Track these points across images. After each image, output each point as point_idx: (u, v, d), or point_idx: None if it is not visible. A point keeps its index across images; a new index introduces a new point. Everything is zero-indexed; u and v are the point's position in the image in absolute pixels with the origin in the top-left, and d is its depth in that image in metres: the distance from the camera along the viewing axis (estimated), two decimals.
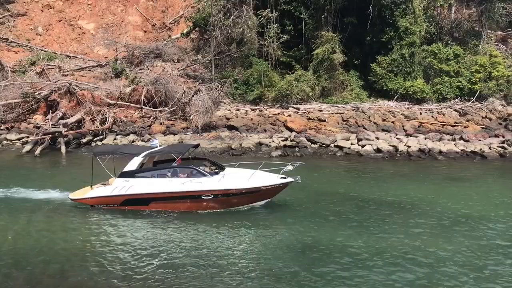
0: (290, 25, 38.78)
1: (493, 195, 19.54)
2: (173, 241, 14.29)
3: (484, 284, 11.29)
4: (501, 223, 15.56)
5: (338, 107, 36.58)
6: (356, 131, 31.87)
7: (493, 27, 41.98)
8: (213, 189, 16.49)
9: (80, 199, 17.45)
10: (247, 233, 15.14)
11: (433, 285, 11.23)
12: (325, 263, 12.47)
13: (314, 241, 14.09)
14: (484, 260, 12.65)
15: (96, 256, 13.21)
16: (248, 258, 13.09)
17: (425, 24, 38.38)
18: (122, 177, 17.08)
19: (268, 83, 37.20)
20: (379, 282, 11.36)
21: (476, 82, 37.32)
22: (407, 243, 13.81)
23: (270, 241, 14.27)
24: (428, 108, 36.49)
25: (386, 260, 12.63)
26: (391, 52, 37.40)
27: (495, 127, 33.11)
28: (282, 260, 12.69)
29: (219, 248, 13.73)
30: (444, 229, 15.08)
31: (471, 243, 13.86)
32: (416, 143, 29.49)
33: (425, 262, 12.49)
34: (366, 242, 13.91)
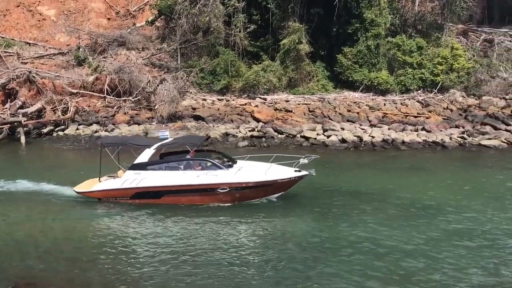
0: (257, 15, 38.58)
1: (453, 184, 20.07)
2: (183, 234, 14.03)
3: (443, 272, 11.56)
4: (462, 211, 15.98)
5: (304, 97, 36.77)
6: (322, 122, 32.14)
7: (454, 20, 42.95)
8: (230, 182, 16.21)
9: (87, 192, 16.86)
10: (253, 225, 15.07)
11: (393, 275, 11.42)
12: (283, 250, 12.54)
13: (274, 231, 14.16)
14: (444, 248, 12.96)
15: (107, 250, 12.98)
16: (254, 250, 13.08)
17: (390, 16, 38.88)
18: (133, 170, 16.53)
19: (235, 73, 36.99)
20: (335, 274, 11.46)
21: (438, 74, 38.21)
22: (368, 232, 14.04)
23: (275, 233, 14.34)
24: (392, 99, 37.14)
25: (346, 250, 12.80)
26: (356, 44, 37.78)
27: (455, 118, 34.02)
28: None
29: (229, 241, 13.63)
30: (406, 218, 15.40)
31: (432, 231, 14.21)
32: (380, 133, 29.99)
33: (386, 251, 12.70)
34: (323, 231, 14.12)
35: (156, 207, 16.15)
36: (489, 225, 14.68)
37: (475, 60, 40.57)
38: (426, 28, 41.47)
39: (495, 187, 19.46)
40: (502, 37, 43.61)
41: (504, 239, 13.55)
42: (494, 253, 12.59)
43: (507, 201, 17.26)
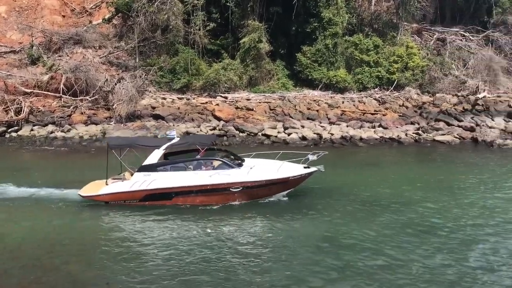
0: (216, 13, 38.46)
1: (409, 178, 20.71)
2: (193, 235, 13.75)
3: (399, 267, 11.91)
4: (418, 206, 16.46)
5: (265, 96, 37.00)
6: (282, 120, 32.45)
7: (409, 19, 44.25)
8: (243, 181, 15.94)
9: (93, 196, 16.17)
10: (260, 224, 14.99)
11: (349, 271, 11.66)
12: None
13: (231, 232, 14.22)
14: (402, 242, 13.34)
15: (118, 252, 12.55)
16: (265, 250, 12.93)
17: (347, 15, 39.65)
18: (143, 171, 15.99)
19: (195, 71, 36.78)
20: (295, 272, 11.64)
21: (394, 72, 39.31)
22: (327, 228, 14.29)
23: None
24: (350, 97, 37.93)
25: (304, 248, 12.98)
26: (315, 43, 38.35)
27: (411, 114, 35.10)
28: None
29: (242, 240, 13.50)
30: (363, 213, 15.74)
31: (387, 225, 14.61)
32: (339, 130, 30.58)
33: (342, 247, 12.90)
34: (281, 228, 14.25)
35: (164, 208, 15.75)
36: (443, 218, 15.23)
37: (429, 58, 42.01)
38: (382, 27, 42.57)
39: (448, 181, 20.19)
40: (454, 36, 45.31)
41: (457, 231, 14.10)
42: (447, 244, 13.07)
43: (459, 195, 17.94)
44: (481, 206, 16.52)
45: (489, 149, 27.45)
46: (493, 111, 36.35)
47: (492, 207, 16.34)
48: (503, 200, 17.26)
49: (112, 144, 17.13)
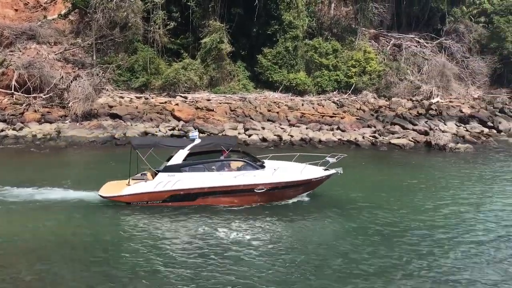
0: (177, 12, 38.07)
1: (365, 180, 21.17)
2: (214, 235, 13.67)
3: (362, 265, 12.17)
4: (372, 206, 16.86)
5: (226, 97, 36.89)
6: (243, 121, 32.45)
7: (367, 25, 45.33)
8: (268, 182, 16.03)
9: (115, 196, 15.80)
10: (283, 224, 15.05)
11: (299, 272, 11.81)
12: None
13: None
14: (361, 243, 13.64)
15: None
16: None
17: (307, 19, 40.22)
18: (167, 172, 15.78)
19: (154, 70, 36.22)
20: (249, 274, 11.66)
21: (352, 76, 40.16)
22: (279, 231, 14.46)
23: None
24: (310, 99, 38.42)
25: (262, 250, 13.04)
26: (276, 45, 38.62)
27: (368, 118, 35.94)
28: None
29: (261, 241, 13.52)
30: (320, 214, 15.97)
31: (347, 226, 14.89)
32: (299, 132, 30.89)
33: (298, 249, 13.10)
34: (237, 230, 14.29)
35: (185, 209, 15.66)
36: (399, 217, 15.67)
37: (385, 63, 43.21)
38: (341, 32, 43.41)
39: (401, 182, 20.79)
40: (409, 42, 46.81)
41: (413, 229, 14.54)
42: (404, 243, 13.45)
43: (413, 196, 18.50)
44: (435, 207, 17.12)
45: (441, 152, 28.43)
46: (446, 115, 37.82)
47: (446, 209, 16.97)
48: (455, 201, 17.95)
49: (136, 144, 16.93)
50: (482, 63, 47.90)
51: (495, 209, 17.01)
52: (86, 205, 15.92)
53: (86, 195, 16.52)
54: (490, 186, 20.65)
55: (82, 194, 16.64)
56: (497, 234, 14.48)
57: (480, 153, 28.70)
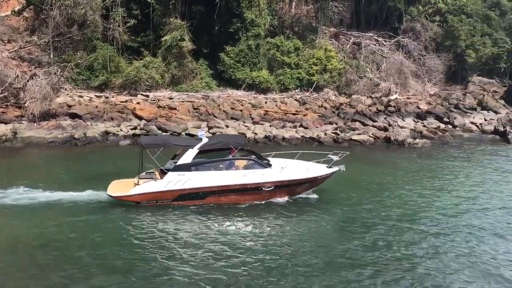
0: (137, 10, 37.46)
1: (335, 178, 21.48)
2: (223, 234, 13.69)
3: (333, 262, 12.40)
4: (336, 203, 17.23)
5: (188, 95, 36.63)
6: (206, 119, 32.32)
7: (327, 24, 46.06)
8: (277, 180, 16.34)
9: (124, 196, 15.68)
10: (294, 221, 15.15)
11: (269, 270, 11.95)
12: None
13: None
14: (330, 237, 13.90)
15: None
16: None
17: (269, 17, 40.45)
18: (177, 171, 15.86)
19: (114, 68, 35.54)
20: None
21: (314, 74, 40.75)
22: (244, 228, 14.54)
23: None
24: (273, 97, 38.70)
25: (231, 246, 13.09)
26: (238, 43, 38.65)
27: (329, 115, 36.55)
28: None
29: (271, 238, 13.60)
30: (283, 211, 16.13)
31: (310, 223, 15.14)
32: (262, 130, 31.08)
33: (268, 247, 13.25)
34: (206, 228, 14.27)
35: (193, 208, 15.71)
36: (365, 213, 16.08)
37: (346, 61, 44.02)
38: (302, 30, 43.88)
39: (361, 177, 21.24)
40: (368, 40, 47.88)
41: (381, 223, 14.94)
42: (373, 236, 13.81)
43: (374, 191, 18.98)
44: (403, 201, 17.64)
45: (400, 148, 29.27)
46: (404, 112, 38.98)
47: (408, 201, 17.53)
48: (417, 193, 18.57)
49: (146, 143, 16.78)
50: (438, 60, 49.61)
51: (452, 201, 17.71)
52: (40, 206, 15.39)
53: (44, 195, 16.09)
54: (446, 179, 21.44)
55: (41, 194, 16.20)
56: (453, 224, 15.08)
57: (437, 147, 29.77)
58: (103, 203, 15.80)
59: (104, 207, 15.60)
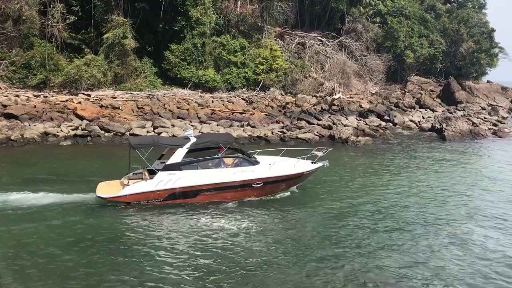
0: (77, 6, 36.12)
1: None
2: (214, 231, 13.65)
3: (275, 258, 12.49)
4: (286, 202, 17.40)
5: (132, 94, 35.79)
6: (151, 119, 31.68)
7: (272, 23, 46.55)
8: (266, 177, 16.63)
9: (115, 197, 15.40)
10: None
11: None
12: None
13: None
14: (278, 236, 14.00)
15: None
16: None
17: (214, 16, 40.25)
18: (167, 170, 15.84)
19: (53, 67, 34.13)
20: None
21: (260, 73, 41.02)
22: (232, 226, 14.45)
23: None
24: (219, 96, 38.58)
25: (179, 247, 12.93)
26: (183, 41, 38.22)
27: (276, 114, 36.93)
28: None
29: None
30: (226, 211, 16.08)
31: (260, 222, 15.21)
32: (209, 129, 30.84)
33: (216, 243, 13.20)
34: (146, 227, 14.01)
35: (176, 206, 15.58)
36: (321, 210, 16.39)
37: (291, 61, 44.68)
38: (248, 30, 44.08)
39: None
40: (312, 41, 48.84)
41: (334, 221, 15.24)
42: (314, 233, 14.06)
43: (323, 189, 19.36)
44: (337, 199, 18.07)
45: (344, 146, 30.04)
46: (347, 110, 40.10)
47: (350, 196, 18.02)
48: (357, 189, 19.10)
49: (135, 143, 16.45)
50: (379, 61, 51.44)
51: (392, 196, 18.37)
52: None
53: None
54: (387, 175, 22.21)
55: None
56: (400, 220, 15.66)
57: (378, 144, 30.80)
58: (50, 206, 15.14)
59: (40, 211, 14.92)
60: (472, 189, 20.10)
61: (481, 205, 17.48)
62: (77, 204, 15.52)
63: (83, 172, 19.89)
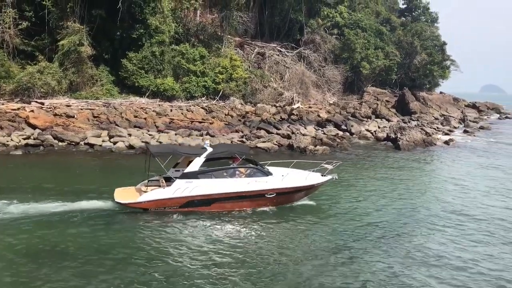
0: (30, 11, 34.98)
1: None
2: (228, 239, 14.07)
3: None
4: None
5: (88, 102, 34.90)
6: (108, 128, 30.98)
7: (232, 33, 46.74)
8: (279, 187, 17.16)
9: (133, 203, 15.97)
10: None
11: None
12: None
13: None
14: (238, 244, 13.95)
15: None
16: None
17: (173, 24, 39.98)
18: (185, 178, 16.41)
19: (4, 74, 32.92)
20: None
21: (220, 82, 40.99)
22: (246, 234, 14.47)
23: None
24: (178, 105, 38.23)
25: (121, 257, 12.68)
26: (141, 49, 37.74)
27: (236, 123, 36.94)
28: None
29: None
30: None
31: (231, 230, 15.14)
32: (168, 139, 30.48)
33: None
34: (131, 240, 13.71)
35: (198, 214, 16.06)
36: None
37: (251, 70, 44.92)
38: (207, 39, 44.00)
39: None
40: (272, 51, 49.34)
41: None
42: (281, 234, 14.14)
43: None
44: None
45: (302, 155, 30.35)
46: (306, 120, 40.65)
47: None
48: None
49: (155, 151, 17.02)
50: (336, 71, 52.57)
51: (346, 204, 18.75)
52: None
53: None
54: (342, 185, 22.59)
55: None
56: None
57: (336, 154, 31.27)
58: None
59: None
60: (419, 195, 21.00)
61: (433, 209, 18.22)
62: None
63: (37, 181, 19.30)
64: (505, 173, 27.26)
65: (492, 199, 20.96)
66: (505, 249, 14.53)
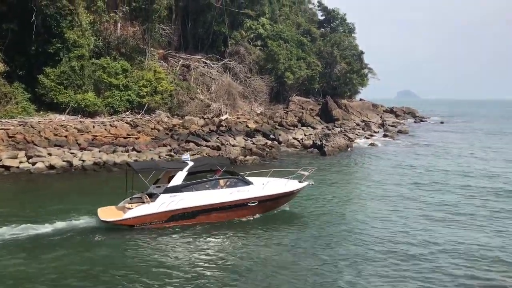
0: None
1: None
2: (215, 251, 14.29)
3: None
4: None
5: (2, 122, 32.61)
6: (25, 148, 29.11)
7: (155, 45, 45.97)
8: (261, 195, 17.74)
9: (119, 220, 16.03)
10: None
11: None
12: None
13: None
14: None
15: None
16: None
17: (93, 38, 38.58)
18: (169, 192, 16.62)
19: None
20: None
21: (144, 96, 40.05)
22: (228, 245, 14.67)
23: None
24: (101, 121, 36.79)
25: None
26: (59, 64, 35.99)
27: (163, 137, 36.21)
28: None
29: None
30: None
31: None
32: (91, 156, 29.22)
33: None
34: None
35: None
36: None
37: (176, 83, 44.40)
38: (129, 52, 42.90)
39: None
40: (197, 63, 49.17)
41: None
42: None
43: None
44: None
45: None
46: (235, 131, 40.81)
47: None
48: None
49: (138, 168, 17.17)
50: (262, 82, 53.40)
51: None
52: None
53: None
54: None
55: None
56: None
57: (265, 163, 31.65)
58: None
59: None
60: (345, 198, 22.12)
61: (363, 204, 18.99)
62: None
63: None
64: (426, 170, 30.15)
65: (411, 194, 23.14)
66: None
